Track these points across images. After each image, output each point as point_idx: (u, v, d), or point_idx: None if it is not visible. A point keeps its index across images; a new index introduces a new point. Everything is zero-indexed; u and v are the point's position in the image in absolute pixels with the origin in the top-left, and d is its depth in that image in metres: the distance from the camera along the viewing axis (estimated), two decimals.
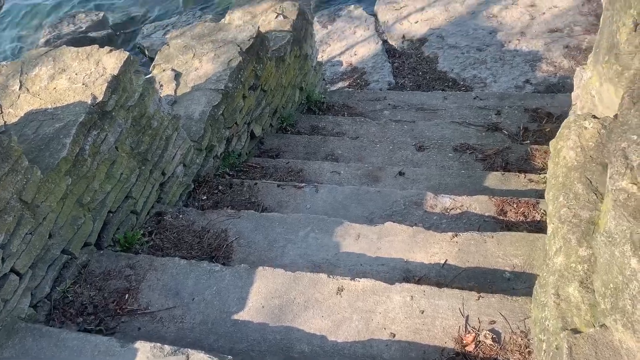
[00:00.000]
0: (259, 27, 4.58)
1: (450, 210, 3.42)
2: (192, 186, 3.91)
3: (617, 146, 1.67)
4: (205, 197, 3.85)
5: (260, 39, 4.55)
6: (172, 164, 3.63)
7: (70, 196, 2.79)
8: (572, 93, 4.72)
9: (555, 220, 2.21)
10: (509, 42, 6.83)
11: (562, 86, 6.10)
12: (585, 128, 2.33)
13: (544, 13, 6.98)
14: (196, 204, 3.80)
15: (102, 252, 3.02)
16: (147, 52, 7.88)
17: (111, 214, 3.14)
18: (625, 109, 1.79)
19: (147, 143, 3.33)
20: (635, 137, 1.58)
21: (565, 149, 2.33)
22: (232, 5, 5.70)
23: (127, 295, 2.75)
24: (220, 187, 3.94)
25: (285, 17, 5.29)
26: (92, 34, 7.65)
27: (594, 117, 2.38)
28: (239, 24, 4.98)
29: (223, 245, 3.19)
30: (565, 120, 2.45)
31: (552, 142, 2.51)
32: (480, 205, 3.41)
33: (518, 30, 6.91)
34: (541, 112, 5.13)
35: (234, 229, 3.30)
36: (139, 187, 3.32)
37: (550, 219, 2.32)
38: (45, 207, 2.62)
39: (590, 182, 2.20)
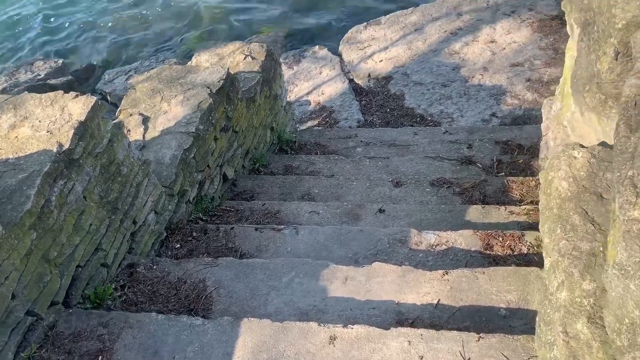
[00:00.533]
0: (228, 69, 4.50)
1: (436, 246, 3.34)
2: (165, 234, 3.72)
3: (623, 175, 1.62)
4: (178, 245, 3.66)
5: (231, 80, 4.47)
6: (144, 211, 3.44)
7: (36, 252, 2.57)
8: (542, 124, 4.79)
9: (554, 253, 2.15)
10: (473, 77, 6.97)
11: (527, 118, 6.22)
12: (575, 158, 2.30)
13: (504, 49, 7.18)
14: (169, 253, 3.61)
15: (71, 310, 2.79)
16: (109, 98, 7.69)
17: (80, 269, 2.91)
18: (623, 136, 1.76)
19: (117, 191, 3.15)
20: None
21: (557, 180, 2.29)
22: (198, 48, 5.64)
23: (100, 358, 2.52)
24: (194, 234, 3.75)
25: (253, 58, 5.24)
26: (52, 81, 7.43)
27: (582, 146, 2.36)
28: (207, 66, 4.90)
29: (202, 296, 3.00)
30: (545, 152, 2.41)
31: (541, 174, 2.47)
32: (465, 240, 3.34)
33: (480, 66, 7.07)
34: (512, 144, 5.18)
35: (212, 278, 3.11)
36: (109, 238, 3.11)
37: (548, 251, 2.26)
38: (8, 266, 2.40)
39: (586, 212, 2.15)
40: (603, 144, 2.52)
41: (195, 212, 4.09)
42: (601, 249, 2.05)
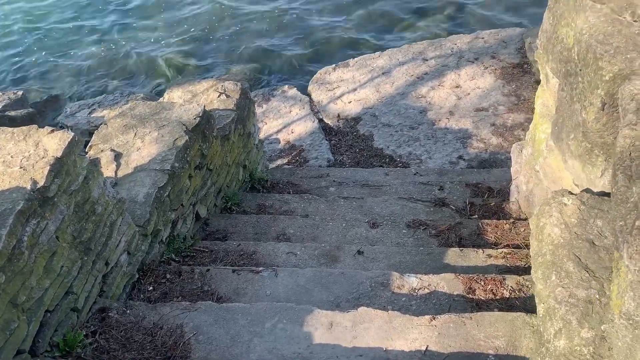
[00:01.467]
0: (204, 106, 4.44)
1: (418, 290, 3.31)
2: (137, 276, 3.55)
3: (629, 224, 1.65)
4: (151, 288, 3.49)
5: (207, 118, 4.41)
6: (116, 252, 3.28)
7: (3, 296, 2.39)
8: (512, 168, 4.93)
9: (550, 300, 2.15)
10: (439, 120, 7.14)
11: (493, 161, 6.39)
12: (565, 204, 2.35)
13: (468, 94, 7.41)
14: (142, 296, 3.43)
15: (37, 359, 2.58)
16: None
17: (49, 314, 2.72)
18: (622, 186, 1.80)
19: (90, 231, 2.99)
20: None
21: (549, 226, 2.32)
22: (170, 84, 5.57)
23: None
24: (167, 276, 3.60)
25: (228, 96, 5.20)
26: (11, 113, 7.15)
27: (571, 193, 2.41)
28: (181, 102, 4.82)
29: (179, 343, 2.84)
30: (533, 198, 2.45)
31: (532, 220, 2.50)
32: (447, 283, 3.32)
33: (447, 110, 7.26)
34: (482, 187, 5.28)
35: (190, 323, 2.97)
36: (81, 280, 2.93)
37: (541, 298, 2.26)
38: None
39: (580, 259, 2.17)
40: (588, 190, 2.59)
41: (168, 253, 3.93)
42: (597, 296, 2.06)
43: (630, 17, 2.38)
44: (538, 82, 7.04)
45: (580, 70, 2.56)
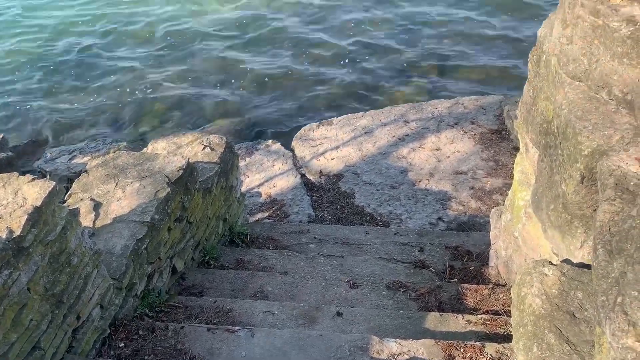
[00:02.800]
0: (188, 159, 4.45)
1: (398, 355, 3.25)
2: (108, 331, 3.42)
3: (611, 300, 1.66)
4: (123, 345, 3.36)
5: (190, 170, 4.40)
6: (89, 306, 3.17)
7: None
8: (490, 232, 4.97)
9: None
10: (420, 181, 7.24)
11: (472, 224, 6.45)
12: (546, 275, 2.36)
13: (448, 157, 7.57)
14: (112, 352, 3.30)
15: None
16: (49, 177, 7.34)
17: None
18: (603, 260, 1.83)
19: (64, 283, 2.90)
20: (635, 292, 1.58)
21: (530, 297, 2.32)
22: (154, 136, 5.58)
23: None
24: (140, 332, 3.48)
25: (212, 149, 5.23)
26: None
27: (551, 263, 2.43)
28: (165, 154, 4.82)
29: None
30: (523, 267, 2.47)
31: (513, 289, 2.51)
32: (427, 350, 3.27)
33: (427, 171, 7.38)
34: (461, 250, 5.31)
35: None
36: (50, 335, 2.82)
37: None
38: None
39: (561, 332, 2.17)
40: (568, 261, 2.62)
41: (142, 308, 3.82)
42: None
43: (606, 96, 2.49)
44: (516, 148, 7.24)
45: (560, 143, 2.65)
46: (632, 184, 2.08)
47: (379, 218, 6.76)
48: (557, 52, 2.79)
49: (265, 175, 7.71)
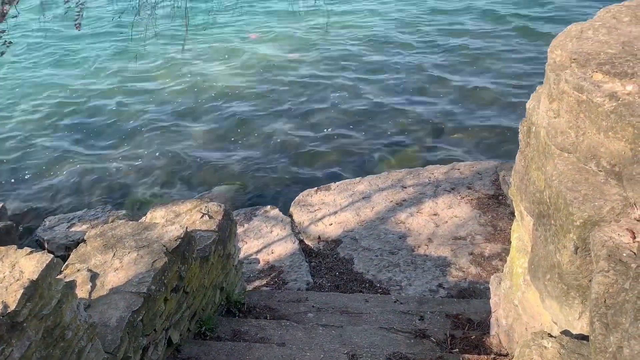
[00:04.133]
0: (186, 228, 4.47)
1: None
2: None
3: None
4: None
5: (188, 239, 4.41)
6: None
7: None
8: (491, 300, 4.92)
9: None
10: (419, 247, 7.23)
11: (472, 291, 6.38)
12: (545, 348, 2.33)
13: (446, 222, 7.59)
14: None
15: None
16: (46, 246, 7.33)
17: None
18: (600, 334, 1.82)
19: (57, 358, 2.85)
20: None
21: None
22: (154, 204, 5.63)
23: None
24: None
25: (210, 217, 5.26)
26: None
27: (550, 335, 2.41)
28: (164, 222, 4.85)
29: None
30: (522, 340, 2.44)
31: None
32: None
33: (425, 237, 7.38)
34: (462, 318, 5.23)
35: None
36: None
37: None
38: None
39: None
40: (567, 332, 2.59)
41: None
42: None
43: (595, 167, 2.55)
44: (513, 213, 7.27)
45: (552, 213, 2.69)
46: (624, 255, 2.10)
47: (378, 285, 6.69)
48: (545, 125, 2.89)
49: (264, 241, 7.70)
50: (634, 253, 2.11)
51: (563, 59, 2.83)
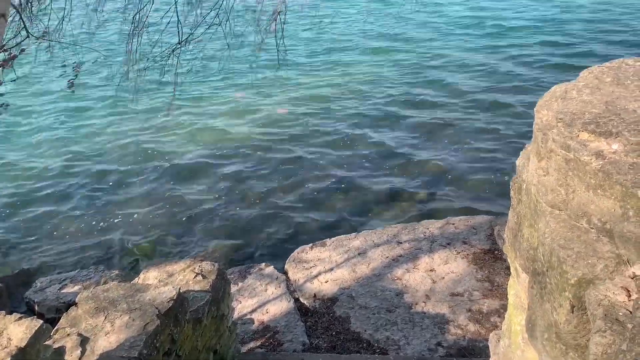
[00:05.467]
0: (179, 289, 4.41)
1: None
2: None
3: None
4: None
5: (181, 301, 4.35)
6: None
7: None
8: (490, 359, 4.81)
9: None
10: (416, 304, 7.13)
11: (472, 349, 6.25)
12: None
13: (443, 278, 7.53)
14: None
15: None
16: (37, 308, 7.18)
17: None
18: None
19: None
20: None
21: None
22: (147, 265, 5.58)
23: None
24: None
25: (204, 277, 5.20)
26: None
27: None
28: (156, 283, 4.79)
29: None
30: None
31: None
32: None
33: (423, 293, 7.29)
34: None
35: None
36: None
37: None
38: None
39: None
40: None
41: None
42: None
43: (586, 224, 2.57)
44: (509, 268, 7.24)
45: (547, 270, 2.68)
46: (620, 314, 2.08)
47: (376, 345, 6.56)
48: (535, 182, 2.93)
49: (258, 300, 7.58)
50: (630, 312, 2.09)
51: (549, 118, 2.90)
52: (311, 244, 8.87)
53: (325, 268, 8.18)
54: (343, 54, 18.03)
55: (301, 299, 7.60)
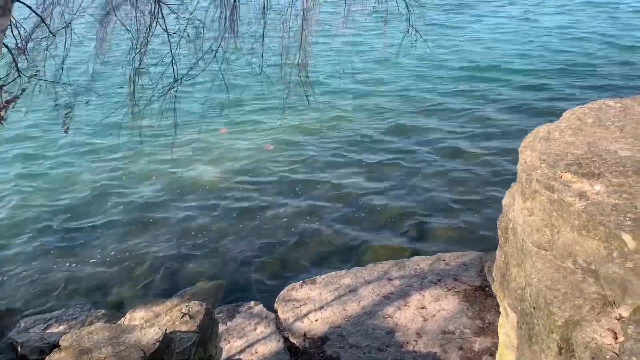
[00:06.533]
0: (166, 330, 4.34)
1: None
2: None
3: None
4: None
5: (167, 342, 4.27)
6: None
7: None
8: None
9: None
10: (408, 343, 7.04)
11: None
12: None
13: (434, 315, 7.46)
14: None
15: None
16: (19, 349, 7.00)
17: None
18: None
19: None
20: None
21: None
22: (134, 303, 5.50)
23: None
24: None
25: (191, 317, 5.13)
26: None
27: None
28: (142, 324, 4.71)
29: None
30: None
31: None
32: None
33: (414, 331, 7.21)
34: None
35: None
36: None
37: None
38: None
39: None
40: None
41: None
42: None
43: (572, 265, 2.58)
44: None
45: (534, 311, 2.67)
46: (607, 357, 2.07)
47: None
48: (521, 223, 2.95)
49: (247, 340, 7.45)
50: (617, 354, 2.09)
51: (533, 159, 2.95)
52: (301, 282, 8.78)
53: (315, 306, 8.09)
54: (326, 95, 17.95)
55: (291, 339, 7.48)
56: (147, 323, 4.92)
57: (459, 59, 20.48)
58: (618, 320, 2.27)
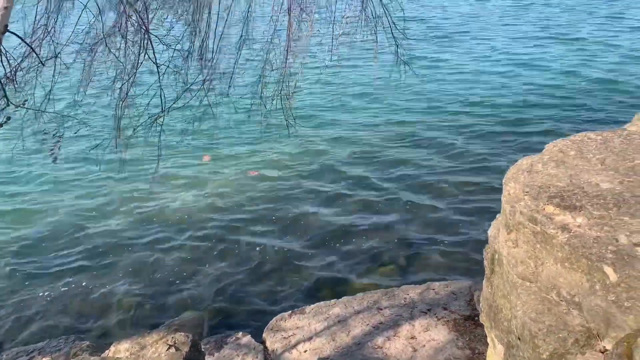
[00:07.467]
0: None
1: None
2: None
3: None
4: None
5: None
6: None
7: None
8: None
9: None
10: None
11: None
12: None
13: (424, 346, 7.40)
14: None
15: None
16: None
17: None
18: None
19: None
20: None
21: None
22: (119, 336, 5.41)
23: None
24: None
25: (177, 349, 5.05)
26: None
27: None
28: (127, 356, 4.63)
29: None
30: None
31: None
32: None
33: None
34: None
35: None
36: None
37: None
38: None
39: None
40: None
41: None
42: None
43: (556, 297, 2.59)
44: None
45: (520, 342, 2.67)
46: None
47: None
48: (505, 254, 2.97)
49: None
50: None
51: (517, 191, 2.99)
52: (290, 311, 8.70)
53: (304, 337, 8.00)
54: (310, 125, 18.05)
55: None
56: (131, 356, 4.84)
57: (441, 92, 20.79)
58: (602, 352, 2.27)
